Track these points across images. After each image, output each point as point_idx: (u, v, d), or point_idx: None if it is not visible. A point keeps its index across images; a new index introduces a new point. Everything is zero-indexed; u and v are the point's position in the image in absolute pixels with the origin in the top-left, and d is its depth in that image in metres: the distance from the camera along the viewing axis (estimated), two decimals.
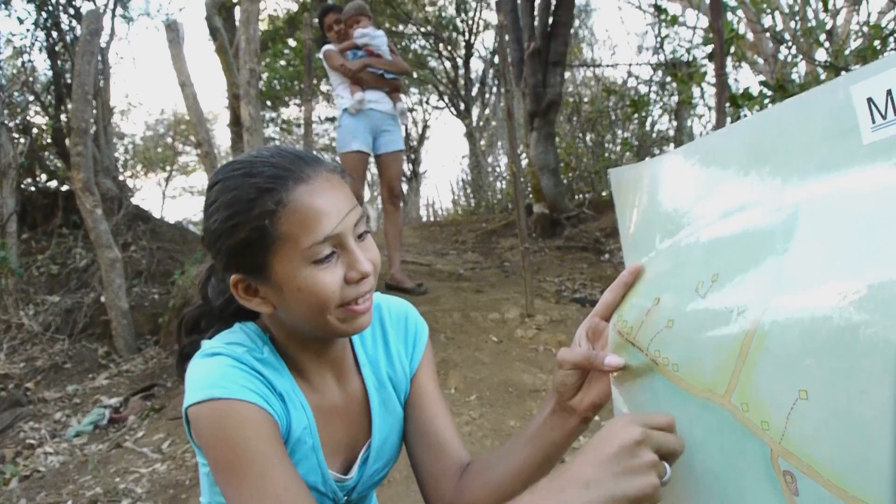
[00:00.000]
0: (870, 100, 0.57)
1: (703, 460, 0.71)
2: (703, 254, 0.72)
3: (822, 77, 4.28)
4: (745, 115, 3.99)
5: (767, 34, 5.74)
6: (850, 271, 0.58)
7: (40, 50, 6.29)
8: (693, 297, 0.72)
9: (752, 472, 0.65)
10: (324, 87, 13.72)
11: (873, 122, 0.57)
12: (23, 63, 6.20)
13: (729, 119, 3.98)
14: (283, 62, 12.71)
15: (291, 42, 12.11)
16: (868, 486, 0.55)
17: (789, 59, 5.72)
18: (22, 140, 5.88)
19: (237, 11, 7.61)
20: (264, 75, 12.48)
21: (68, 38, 6.10)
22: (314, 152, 0.91)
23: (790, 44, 4.84)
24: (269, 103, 13.73)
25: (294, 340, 0.94)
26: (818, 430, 0.58)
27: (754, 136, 0.68)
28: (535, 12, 6.27)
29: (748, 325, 0.65)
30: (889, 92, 0.56)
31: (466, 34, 13.24)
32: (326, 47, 4.21)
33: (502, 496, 0.91)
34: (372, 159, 4.40)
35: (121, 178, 6.85)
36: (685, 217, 0.76)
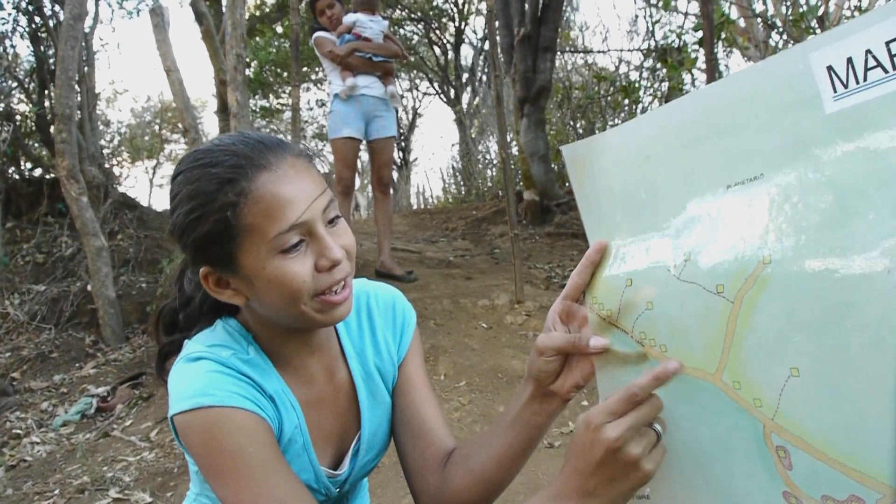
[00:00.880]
0: (830, 68, 0.56)
1: (692, 439, 0.70)
2: (671, 232, 0.71)
3: None
4: None
5: (759, 20, 5.73)
6: (823, 244, 0.57)
7: (22, 35, 6.19)
8: (668, 278, 0.70)
9: (744, 449, 0.65)
10: (314, 75, 13.61)
11: (835, 91, 0.56)
12: (4, 48, 6.10)
13: None
14: (272, 49, 12.57)
15: (279, 29, 11.99)
16: (864, 455, 0.55)
17: (780, 44, 5.71)
18: (5, 127, 5.79)
19: None
20: (253, 63, 12.35)
21: (51, 23, 5.99)
22: (280, 137, 0.87)
23: (781, 29, 4.83)
24: (259, 92, 13.61)
25: (275, 332, 0.91)
26: (811, 406, 0.59)
27: (712, 106, 0.66)
28: None
29: (730, 304, 0.64)
30: (850, 60, 0.55)
31: (456, 20, 13.15)
32: (318, 33, 4.16)
33: (485, 483, 0.92)
34: (363, 146, 4.36)
35: (107, 165, 6.76)
36: (644, 192, 0.74)
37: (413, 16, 12.85)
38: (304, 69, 12.18)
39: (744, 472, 0.66)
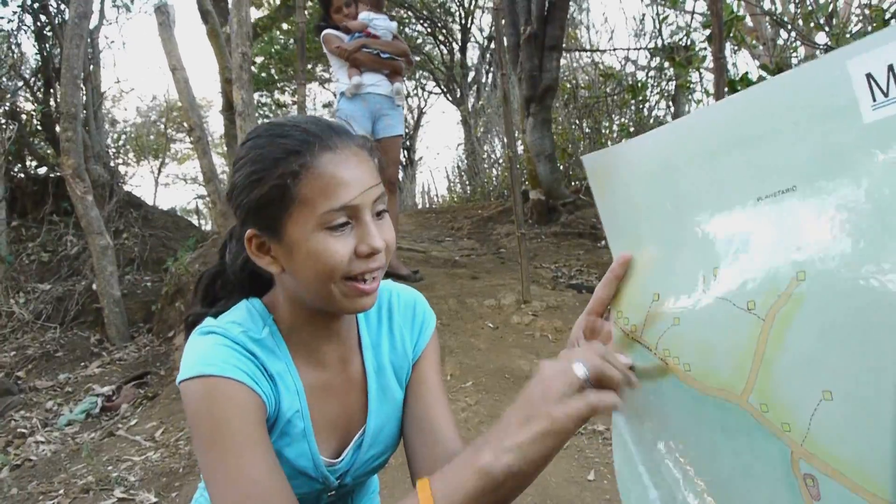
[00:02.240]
0: (869, 76, 0.53)
1: (713, 464, 0.67)
2: (698, 246, 0.68)
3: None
4: None
5: (767, 18, 5.68)
6: (862, 261, 0.54)
7: (28, 34, 6.19)
8: (697, 293, 0.67)
9: (769, 476, 0.62)
10: (320, 72, 13.61)
11: (874, 99, 0.53)
12: (10, 47, 6.10)
13: None
14: (277, 46, 12.56)
15: (284, 26, 11.98)
16: None
17: (790, 42, 5.66)
18: (10, 126, 5.79)
19: None
20: (258, 59, 12.34)
21: (56, 22, 5.99)
22: (346, 125, 0.92)
23: (790, 27, 4.78)
24: (264, 91, 13.61)
25: (299, 311, 0.93)
26: (844, 432, 0.55)
27: (741, 115, 0.63)
28: None
29: (761, 323, 0.61)
30: (891, 67, 0.52)
31: (462, 19, 13.12)
32: (326, 31, 4.13)
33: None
34: None
35: (112, 164, 6.76)
36: (669, 203, 0.71)
37: (419, 14, 12.83)
38: (308, 66, 12.16)
39: (767, 501, 0.63)
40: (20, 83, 6.28)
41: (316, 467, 0.96)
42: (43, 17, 6.08)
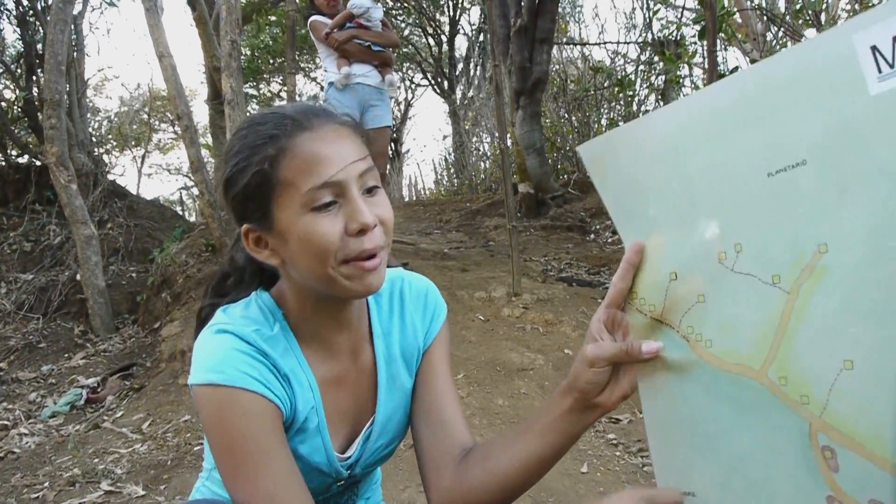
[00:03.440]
0: (874, 48, 0.54)
1: (730, 441, 0.68)
2: (714, 222, 0.68)
3: None
4: None
5: (757, 13, 5.71)
6: (883, 230, 0.55)
7: (9, 19, 6.06)
8: (720, 270, 0.68)
9: (787, 450, 0.63)
10: (305, 63, 13.48)
11: (879, 71, 0.54)
12: None
13: None
14: (264, 37, 12.42)
15: (272, 18, 11.84)
16: None
17: (779, 36, 5.69)
18: None
19: None
20: (246, 50, 12.20)
21: (39, 6, 5.87)
22: (329, 107, 0.90)
23: (779, 22, 4.81)
24: (251, 80, 13.46)
25: (308, 302, 0.91)
26: (864, 400, 0.56)
27: (747, 92, 0.63)
28: None
29: (786, 296, 0.62)
30: (895, 39, 0.52)
31: (451, 11, 13.06)
32: (314, 18, 4.08)
33: (506, 486, 0.89)
34: None
35: (96, 153, 6.65)
36: (677, 183, 0.71)
37: (407, 5, 12.75)
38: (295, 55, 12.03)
39: (785, 476, 0.63)
40: (1, 70, 6.15)
41: (329, 462, 0.95)
42: (25, 2, 5.96)
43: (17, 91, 6.17)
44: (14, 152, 6.34)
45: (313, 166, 0.81)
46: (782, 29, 5.08)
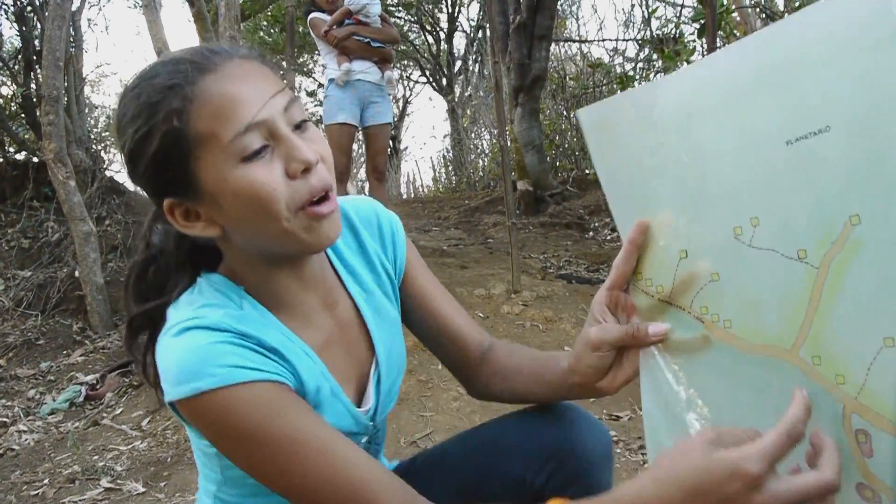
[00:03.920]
0: None
1: (755, 425, 0.64)
2: (726, 196, 0.64)
3: None
4: None
5: (756, 10, 5.71)
6: None
7: (7, 14, 6.03)
8: (736, 245, 0.64)
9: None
10: (304, 60, 13.45)
11: None
12: None
13: None
14: (261, 33, 12.39)
15: (270, 14, 11.80)
16: None
17: None
18: None
19: None
20: None
21: (37, 2, 5.84)
22: (228, 45, 0.79)
23: (778, 19, 4.81)
24: None
25: (263, 268, 0.80)
26: None
27: (765, 55, 0.59)
28: None
29: (815, 271, 0.58)
30: None
31: (449, 8, 13.03)
32: (313, 14, 4.07)
33: (531, 399, 0.97)
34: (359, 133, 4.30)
35: (94, 149, 6.64)
36: (686, 154, 0.67)
37: (405, 2, 12.72)
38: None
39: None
40: None
41: (357, 421, 0.87)
42: None
43: (15, 87, 6.14)
44: (12, 149, 6.32)
45: (229, 110, 0.69)
46: None
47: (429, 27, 13.45)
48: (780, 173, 0.60)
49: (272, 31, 12.24)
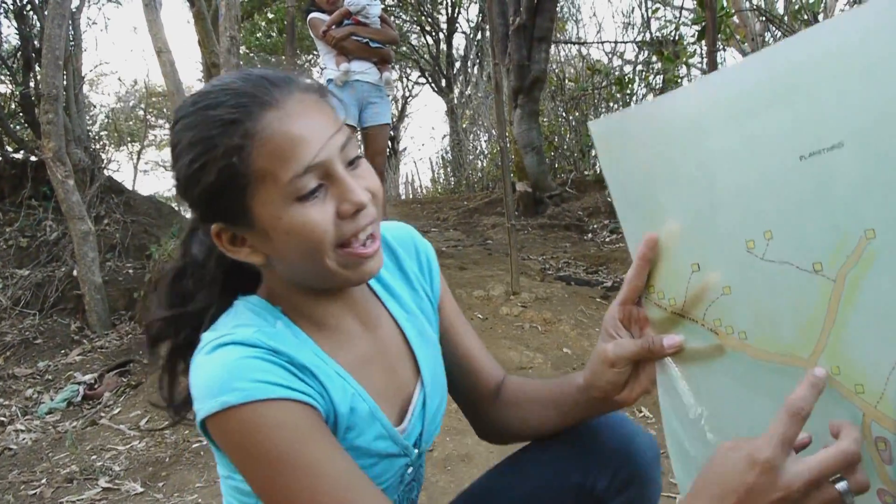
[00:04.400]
0: None
1: None
2: (737, 209, 0.64)
3: None
4: None
5: (755, 13, 5.72)
6: None
7: (6, 12, 6.02)
8: (749, 259, 0.64)
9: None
10: (306, 61, 13.44)
11: None
12: None
13: None
14: (259, 34, 12.39)
15: (269, 15, 11.81)
16: None
17: (777, 37, 5.71)
18: None
19: None
20: (242, 48, 12.14)
21: (37, 1, 5.83)
22: (284, 72, 0.78)
23: (778, 22, 4.82)
24: None
25: (303, 294, 0.82)
26: None
27: (777, 70, 0.59)
28: None
29: (831, 283, 0.59)
30: None
31: (449, 9, 13.03)
32: (312, 14, 4.07)
33: (539, 433, 0.98)
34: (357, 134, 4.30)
35: (93, 148, 6.63)
36: (696, 168, 0.67)
37: (405, 3, 12.72)
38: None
39: None
40: None
41: (395, 441, 0.86)
42: None
43: (14, 86, 6.13)
44: (10, 147, 6.30)
45: (290, 150, 0.70)
46: (781, 30, 5.09)
47: (428, 28, 13.45)
48: (794, 188, 0.60)
49: (271, 33, 12.24)
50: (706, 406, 0.72)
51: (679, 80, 5.93)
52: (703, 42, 3.90)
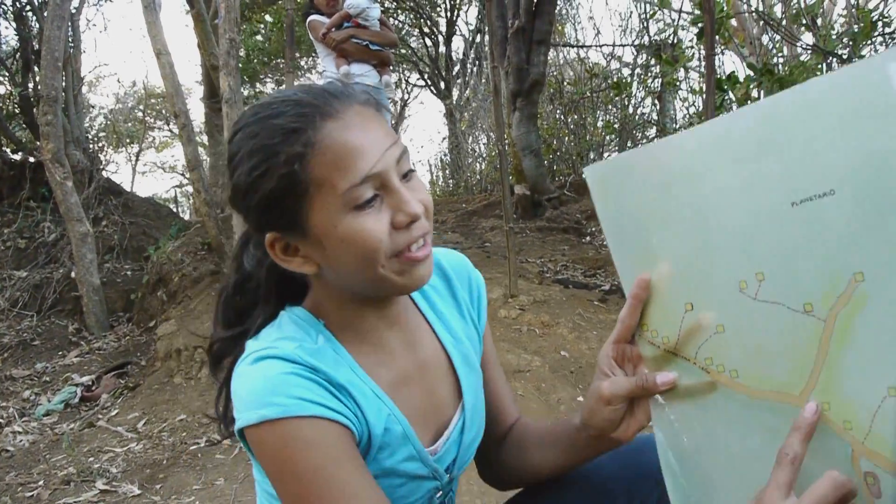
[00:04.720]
0: None
1: (760, 469, 0.66)
2: (731, 251, 0.67)
3: (804, 59, 4.26)
4: (731, 99, 3.96)
5: (754, 16, 5.74)
6: None
7: (5, 14, 6.02)
8: (741, 299, 0.66)
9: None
10: (305, 64, 13.46)
11: None
12: None
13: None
14: (258, 37, 12.39)
15: (268, 18, 11.81)
16: None
17: (776, 42, 5.73)
18: None
19: None
20: (241, 51, 12.15)
21: (36, 2, 5.84)
22: (343, 86, 0.80)
23: (776, 26, 4.83)
24: (245, 78, 13.41)
25: (349, 306, 0.83)
26: None
27: (771, 120, 0.62)
28: None
29: (821, 324, 0.61)
30: None
31: (448, 11, 13.05)
32: (312, 17, 4.08)
33: (539, 477, 0.97)
34: None
35: (91, 150, 6.62)
36: (689, 210, 0.69)
37: (404, 5, 12.74)
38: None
39: None
40: None
41: (425, 464, 0.87)
42: None
43: (13, 87, 6.13)
44: (9, 149, 6.30)
45: (349, 160, 0.71)
46: (779, 33, 5.10)
47: (427, 30, 13.47)
48: (786, 232, 0.62)
49: (270, 35, 12.24)
50: (700, 442, 0.73)
51: (678, 84, 5.94)
52: (702, 44, 3.91)
